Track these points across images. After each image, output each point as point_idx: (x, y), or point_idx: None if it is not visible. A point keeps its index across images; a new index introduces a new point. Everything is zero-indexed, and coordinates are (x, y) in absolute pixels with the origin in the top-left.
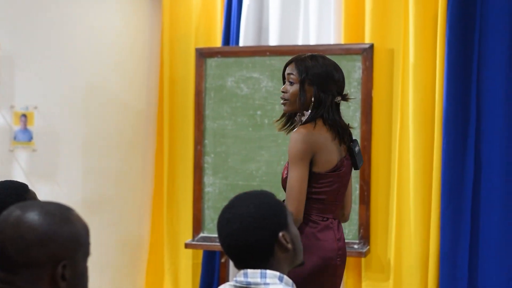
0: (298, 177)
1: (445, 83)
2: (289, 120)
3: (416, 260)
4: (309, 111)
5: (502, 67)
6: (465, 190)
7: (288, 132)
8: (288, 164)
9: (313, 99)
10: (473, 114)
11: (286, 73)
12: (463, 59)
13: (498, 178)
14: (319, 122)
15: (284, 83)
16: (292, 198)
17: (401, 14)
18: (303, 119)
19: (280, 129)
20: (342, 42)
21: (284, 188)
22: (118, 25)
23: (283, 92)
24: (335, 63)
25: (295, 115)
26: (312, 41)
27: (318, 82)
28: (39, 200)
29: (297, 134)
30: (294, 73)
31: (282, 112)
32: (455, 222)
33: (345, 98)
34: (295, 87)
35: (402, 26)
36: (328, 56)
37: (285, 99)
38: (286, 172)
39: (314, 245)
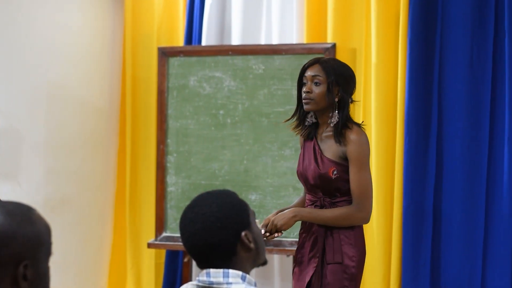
0: (370, 178)
1: (407, 82)
2: (301, 121)
3: (379, 259)
4: (336, 111)
5: (463, 67)
6: (427, 189)
7: (299, 133)
8: (334, 163)
9: (336, 99)
10: (434, 114)
11: (309, 74)
12: (425, 59)
13: (460, 177)
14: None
15: (301, 84)
16: (369, 197)
17: (363, 14)
18: (313, 120)
19: (294, 129)
20: (305, 41)
21: (321, 186)
22: (80, 24)
23: (307, 92)
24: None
25: (306, 115)
26: (275, 41)
27: (343, 83)
28: (0, 200)
29: (361, 136)
30: (320, 74)
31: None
32: (417, 221)
33: (353, 100)
34: (322, 87)
35: (364, 26)
36: (290, 56)
37: (310, 99)
38: (334, 172)
39: (363, 237)
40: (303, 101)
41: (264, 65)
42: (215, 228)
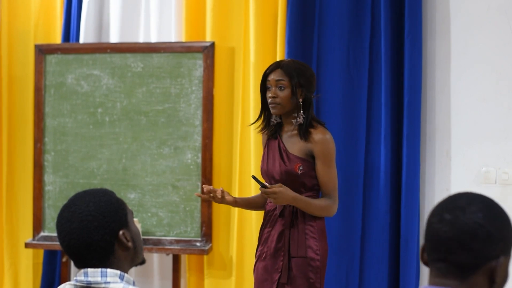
0: (336, 174)
1: None
2: (268, 122)
3: None
4: (301, 112)
5: (341, 67)
6: None
7: (264, 133)
8: (300, 159)
9: (301, 100)
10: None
11: (272, 79)
12: (303, 59)
13: (338, 176)
14: None
15: (264, 89)
16: (336, 192)
17: (241, 13)
18: (278, 120)
19: (260, 131)
20: (183, 39)
21: (287, 181)
22: None
23: (273, 97)
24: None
25: (270, 116)
26: (153, 39)
27: (305, 84)
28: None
29: (328, 135)
30: (284, 79)
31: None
32: None
33: (314, 96)
34: (287, 91)
35: (242, 25)
36: (169, 54)
37: (276, 103)
38: (300, 168)
39: (325, 231)
40: (270, 105)
41: (143, 63)
42: (92, 227)
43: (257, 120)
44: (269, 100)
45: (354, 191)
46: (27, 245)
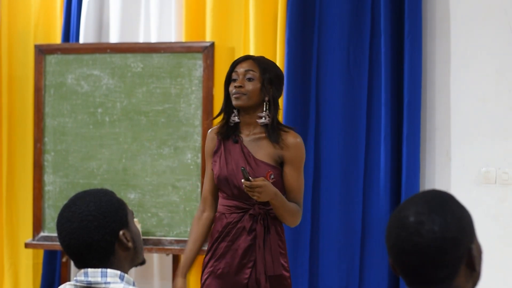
0: (303, 182)
1: (285, 82)
2: (228, 120)
3: None
4: (265, 110)
5: (341, 67)
6: (305, 189)
7: (218, 133)
8: (270, 167)
9: (267, 98)
10: (312, 113)
11: (241, 70)
12: (303, 59)
13: (337, 176)
14: None
15: (230, 80)
16: (302, 201)
17: (241, 13)
18: (237, 119)
19: (219, 130)
20: (183, 40)
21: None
22: None
23: (239, 87)
24: None
25: (231, 113)
26: (153, 39)
27: (276, 83)
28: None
29: (300, 139)
30: (255, 70)
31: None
32: None
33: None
34: (256, 83)
35: (242, 25)
36: (169, 54)
37: (242, 93)
38: (271, 176)
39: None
40: (234, 96)
41: (143, 63)
42: (92, 227)
43: (217, 116)
44: (234, 90)
45: (354, 191)
46: (27, 245)
